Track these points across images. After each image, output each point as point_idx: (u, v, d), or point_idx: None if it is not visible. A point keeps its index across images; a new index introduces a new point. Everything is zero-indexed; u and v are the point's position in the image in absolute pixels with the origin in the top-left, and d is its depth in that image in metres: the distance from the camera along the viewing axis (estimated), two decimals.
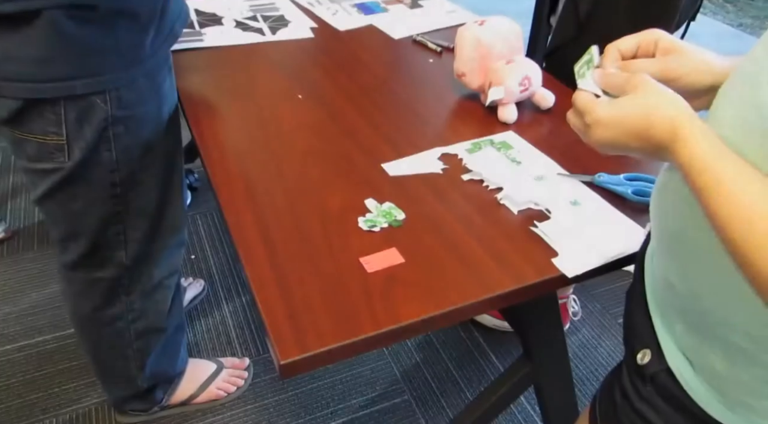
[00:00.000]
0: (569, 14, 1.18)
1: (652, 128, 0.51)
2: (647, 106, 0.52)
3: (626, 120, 0.53)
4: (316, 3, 1.46)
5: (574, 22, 1.17)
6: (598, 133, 0.55)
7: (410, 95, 1.11)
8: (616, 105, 0.54)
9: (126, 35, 0.83)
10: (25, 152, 0.87)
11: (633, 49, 0.62)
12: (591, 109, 0.55)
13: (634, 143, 0.53)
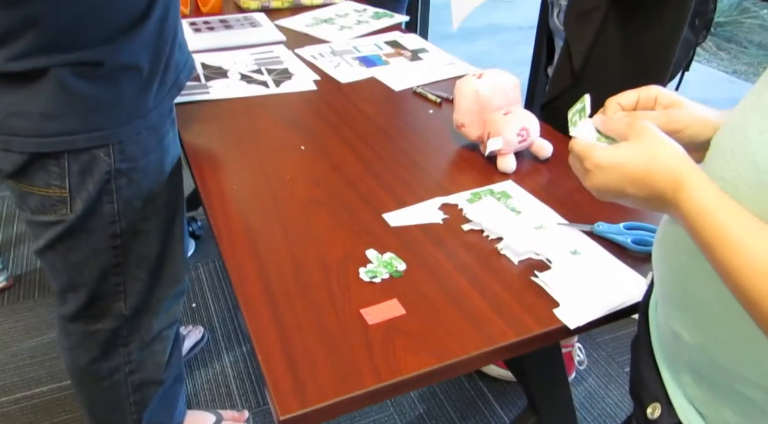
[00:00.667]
0: (564, 66, 1.21)
1: (653, 176, 0.51)
2: (648, 153, 0.52)
3: (626, 166, 0.52)
4: (319, 56, 1.50)
5: (569, 73, 1.20)
6: (597, 178, 0.54)
7: (411, 145, 1.13)
8: (616, 150, 0.54)
9: (130, 89, 0.85)
10: (28, 205, 0.88)
11: (633, 103, 0.63)
12: (590, 154, 0.55)
13: (633, 190, 0.52)
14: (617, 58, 1.15)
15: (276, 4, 1.82)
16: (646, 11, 1.11)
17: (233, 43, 1.54)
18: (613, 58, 1.16)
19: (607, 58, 1.16)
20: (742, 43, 4.39)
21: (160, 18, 0.86)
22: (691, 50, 1.22)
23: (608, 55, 1.16)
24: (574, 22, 1.19)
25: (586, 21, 1.15)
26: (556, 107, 1.25)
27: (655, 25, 1.12)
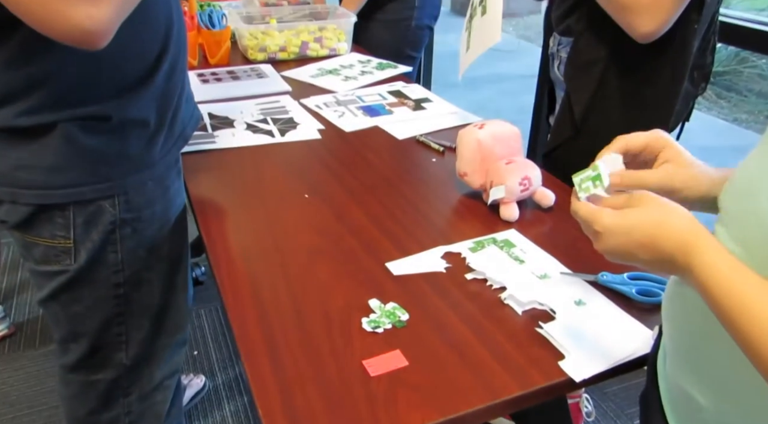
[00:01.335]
0: (565, 117, 1.23)
1: (662, 241, 0.51)
2: (655, 218, 0.52)
3: (634, 229, 0.52)
4: (324, 106, 1.53)
5: (570, 124, 1.22)
6: (607, 241, 0.54)
7: (414, 193, 1.14)
8: (623, 216, 0.54)
9: (137, 142, 0.87)
10: (33, 255, 0.89)
11: (641, 146, 0.64)
12: (597, 218, 0.55)
13: (643, 254, 0.52)
14: (618, 110, 1.17)
15: (282, 56, 1.87)
16: (645, 65, 1.13)
17: (240, 94, 1.57)
18: (614, 110, 1.18)
19: (607, 110, 1.18)
20: (741, 92, 4.46)
21: (168, 72, 0.88)
22: (691, 102, 1.24)
23: (609, 107, 1.18)
24: (574, 74, 1.21)
25: (587, 73, 1.18)
26: (557, 157, 1.27)
27: (655, 79, 1.15)
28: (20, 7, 0.62)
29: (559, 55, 1.28)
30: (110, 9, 0.64)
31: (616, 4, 1.06)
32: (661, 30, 1.05)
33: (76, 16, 0.62)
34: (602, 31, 1.13)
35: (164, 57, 0.87)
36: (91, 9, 0.62)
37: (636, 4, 1.03)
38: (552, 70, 1.34)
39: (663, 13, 1.03)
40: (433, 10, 2.17)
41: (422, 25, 2.15)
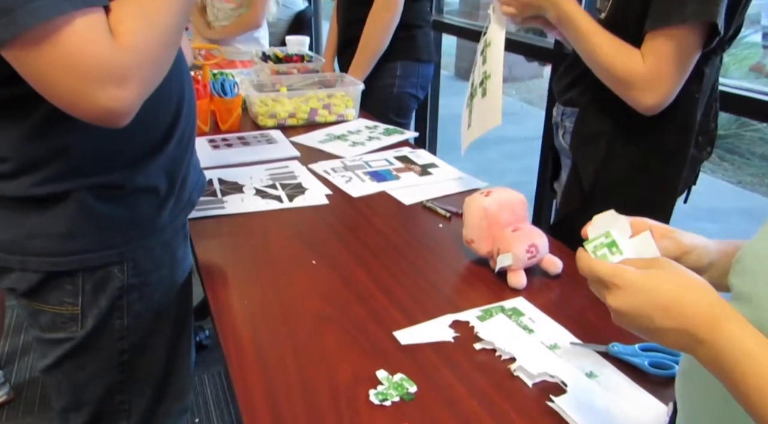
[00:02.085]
0: (573, 187, 1.24)
1: (687, 307, 0.48)
2: (683, 282, 0.50)
3: (659, 289, 0.50)
4: (332, 171, 1.56)
5: (579, 195, 1.23)
6: (625, 298, 0.51)
7: (421, 260, 1.14)
8: (649, 273, 0.51)
9: (147, 209, 0.88)
10: (39, 323, 0.89)
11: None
12: (620, 272, 0.52)
13: (661, 318, 0.49)
14: (626, 180, 1.19)
15: (291, 122, 1.92)
16: (651, 135, 1.15)
17: (249, 159, 1.60)
18: (622, 180, 1.19)
19: (615, 181, 1.19)
20: (744, 155, 4.51)
21: (178, 141, 0.91)
22: (697, 166, 1.26)
23: (617, 178, 1.19)
24: (581, 146, 1.23)
25: (594, 145, 1.20)
26: (567, 227, 1.26)
27: (661, 148, 1.16)
28: (48, 88, 0.64)
29: (563, 124, 1.31)
30: (136, 90, 0.67)
31: (619, 80, 1.09)
32: (664, 103, 1.08)
33: (103, 97, 0.64)
34: (606, 103, 1.15)
35: (176, 127, 0.89)
36: (118, 90, 0.65)
37: (638, 80, 1.06)
38: (556, 139, 1.37)
39: (665, 87, 1.06)
40: (419, 80, 2.25)
41: (405, 93, 2.22)
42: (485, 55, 1.28)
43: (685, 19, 1.00)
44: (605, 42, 1.10)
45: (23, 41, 0.61)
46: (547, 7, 1.16)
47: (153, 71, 0.70)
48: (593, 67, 1.13)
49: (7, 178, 0.78)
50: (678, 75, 1.06)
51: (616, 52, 1.08)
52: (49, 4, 0.60)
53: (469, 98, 1.38)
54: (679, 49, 1.03)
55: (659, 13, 1.02)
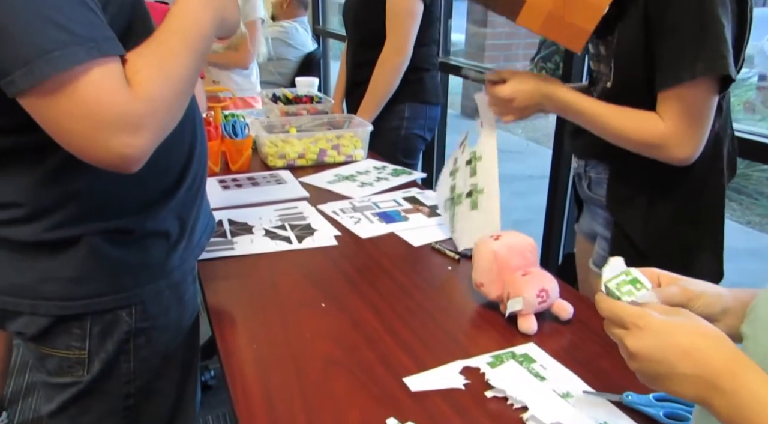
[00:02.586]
0: (622, 244, 1.22)
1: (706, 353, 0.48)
2: (705, 330, 0.50)
3: (679, 333, 0.50)
4: (341, 212, 1.57)
5: (630, 250, 1.20)
6: (645, 340, 0.51)
7: (430, 303, 1.13)
8: (671, 318, 0.51)
9: (157, 253, 0.89)
10: (46, 367, 0.88)
11: None
12: (643, 313, 0.53)
13: (681, 364, 0.49)
14: (673, 228, 1.18)
15: (301, 162, 1.94)
16: (686, 179, 1.15)
17: (259, 200, 1.61)
18: (670, 229, 1.18)
19: (663, 230, 1.18)
20: (752, 195, 4.50)
21: (189, 185, 0.92)
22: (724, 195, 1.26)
23: (663, 228, 1.18)
24: (620, 207, 1.22)
25: (633, 204, 1.20)
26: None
27: (699, 186, 1.16)
28: (63, 135, 0.66)
29: (588, 175, 1.31)
30: (149, 137, 0.68)
31: (644, 145, 1.10)
32: (697, 152, 1.08)
33: (117, 144, 0.65)
34: (635, 158, 1.14)
35: (187, 172, 0.91)
36: (132, 138, 0.66)
37: (663, 140, 1.07)
38: (581, 189, 1.36)
39: (693, 139, 1.07)
40: (426, 122, 2.29)
41: (413, 134, 2.26)
42: (474, 167, 1.29)
43: (696, 76, 1.01)
44: (615, 116, 1.11)
45: (40, 91, 0.63)
46: (543, 103, 1.19)
47: (166, 120, 0.72)
48: (612, 140, 1.14)
49: (20, 223, 0.79)
50: (702, 125, 1.07)
51: (630, 122, 1.10)
52: (66, 54, 0.62)
53: (449, 202, 1.38)
54: (696, 103, 1.05)
55: (669, 72, 1.04)
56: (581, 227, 1.46)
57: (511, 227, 1.16)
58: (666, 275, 0.64)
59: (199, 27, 0.80)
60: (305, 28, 3.78)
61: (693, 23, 1.00)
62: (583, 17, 1.08)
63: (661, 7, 1.03)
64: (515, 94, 1.19)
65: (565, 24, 1.10)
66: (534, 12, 1.11)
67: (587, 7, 1.07)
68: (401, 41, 2.10)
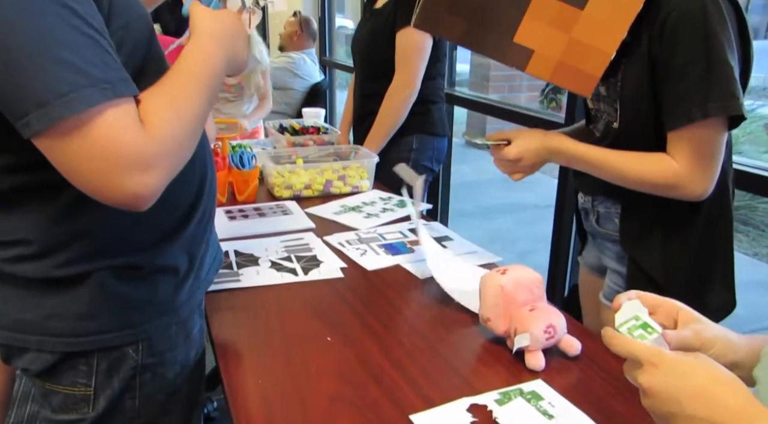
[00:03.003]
0: (638, 279, 1.21)
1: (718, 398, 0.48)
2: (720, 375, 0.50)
3: (692, 374, 0.50)
4: (346, 244, 1.57)
5: (647, 285, 1.19)
6: (659, 379, 0.51)
7: (436, 337, 1.13)
8: (686, 359, 0.51)
9: (165, 288, 0.89)
10: (51, 404, 0.88)
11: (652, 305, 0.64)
12: (658, 352, 0.53)
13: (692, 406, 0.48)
14: (689, 261, 1.18)
15: (307, 193, 1.95)
16: (699, 217, 1.15)
17: (265, 231, 1.62)
18: (686, 262, 1.18)
19: (679, 265, 1.18)
20: (759, 227, 4.49)
21: (199, 220, 0.92)
22: None
23: (680, 262, 1.18)
24: (635, 244, 1.22)
25: (648, 240, 1.20)
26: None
27: (712, 222, 1.17)
28: (75, 174, 0.66)
29: (596, 210, 1.31)
30: (160, 176, 0.69)
31: (658, 186, 1.11)
32: (711, 187, 1.09)
33: (129, 183, 0.66)
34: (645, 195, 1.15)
35: (197, 207, 0.91)
36: (144, 176, 0.67)
37: (678, 180, 1.08)
38: (587, 224, 1.37)
39: (707, 176, 1.08)
40: (434, 154, 2.31)
41: (421, 166, 2.28)
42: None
43: (708, 116, 1.02)
44: (627, 162, 1.12)
45: (55, 131, 0.64)
46: (551, 158, 1.21)
47: (178, 158, 0.73)
48: (626, 185, 1.15)
49: (29, 260, 0.79)
50: (715, 162, 1.08)
51: (643, 166, 1.11)
52: (82, 96, 0.63)
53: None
54: (708, 142, 1.06)
55: (679, 113, 1.05)
56: (586, 259, 1.46)
57: (517, 257, 1.16)
58: (685, 312, 0.64)
59: (211, 66, 0.81)
60: (312, 59, 3.85)
61: (701, 64, 1.02)
62: (591, 63, 1.10)
63: (668, 48, 1.04)
64: (522, 155, 1.21)
65: (574, 71, 1.11)
66: (543, 61, 1.12)
67: (595, 53, 1.08)
68: (410, 75, 2.14)
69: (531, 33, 1.10)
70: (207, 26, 0.86)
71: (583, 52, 1.09)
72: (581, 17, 1.07)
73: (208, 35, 0.85)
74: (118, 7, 0.75)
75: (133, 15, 0.79)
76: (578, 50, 1.10)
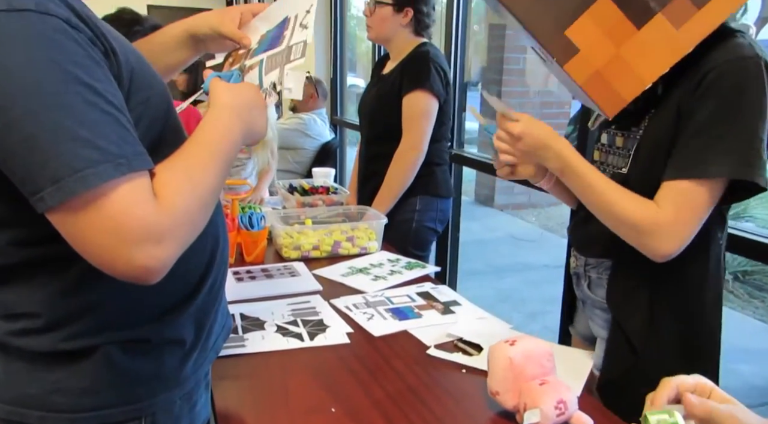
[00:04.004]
0: (620, 344, 1.19)
1: None
2: None
3: None
4: (353, 307, 1.55)
5: (629, 351, 1.17)
6: None
7: (443, 410, 1.10)
8: None
9: (171, 362, 0.87)
10: None
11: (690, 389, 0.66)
12: None
13: None
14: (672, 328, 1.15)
15: (315, 254, 1.95)
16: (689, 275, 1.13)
17: (272, 293, 1.61)
18: (669, 329, 1.15)
19: (661, 330, 1.15)
20: None
21: (209, 290, 0.92)
22: None
23: (663, 326, 1.15)
24: (621, 302, 1.20)
25: (634, 298, 1.17)
26: (617, 388, 1.19)
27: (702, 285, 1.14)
28: (86, 248, 0.67)
29: (587, 275, 1.30)
30: (172, 249, 0.69)
31: (634, 228, 1.08)
32: (679, 250, 1.06)
33: (140, 257, 0.66)
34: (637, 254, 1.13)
35: (207, 277, 0.90)
36: (155, 249, 0.67)
37: (656, 228, 1.05)
38: (579, 290, 1.34)
39: (683, 234, 1.05)
40: (437, 215, 2.32)
41: (424, 227, 2.29)
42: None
43: (707, 177, 1.01)
44: (613, 190, 1.10)
45: (68, 206, 0.64)
46: (549, 157, 1.15)
47: (190, 231, 0.73)
48: (603, 216, 1.12)
49: (36, 334, 0.78)
50: (696, 224, 1.05)
51: (627, 201, 1.08)
52: (96, 172, 0.64)
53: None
54: (699, 201, 1.04)
55: (683, 164, 1.03)
56: (577, 328, 1.43)
57: (527, 318, 1.15)
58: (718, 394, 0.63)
59: (228, 138, 0.83)
60: (323, 119, 3.93)
61: (724, 126, 1.00)
62: (626, 86, 1.07)
63: (698, 104, 1.02)
64: (524, 134, 1.15)
65: (608, 87, 1.08)
66: (584, 65, 1.09)
67: (633, 78, 1.06)
68: (417, 139, 2.18)
69: (584, 32, 1.07)
70: (226, 99, 0.88)
71: (623, 71, 1.07)
72: (634, 37, 1.05)
73: (228, 107, 0.86)
74: (139, 84, 0.78)
75: (152, 90, 0.81)
76: (619, 68, 1.07)
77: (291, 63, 0.96)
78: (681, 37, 1.04)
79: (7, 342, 0.79)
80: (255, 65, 1.02)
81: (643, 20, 1.05)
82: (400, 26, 2.25)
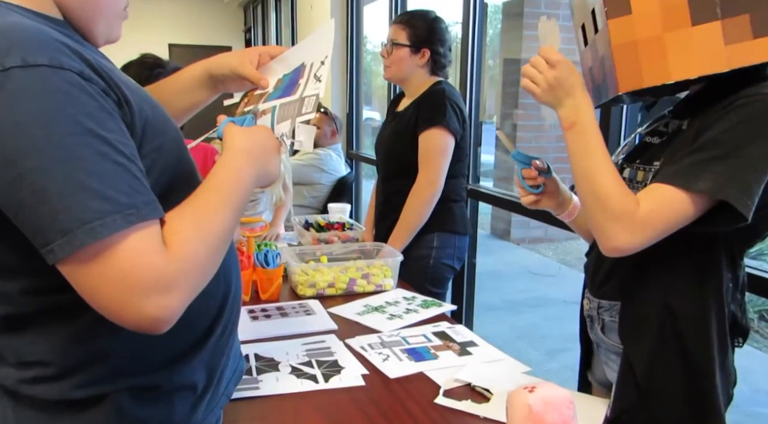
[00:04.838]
0: (628, 381, 1.16)
1: None
2: None
3: None
4: (369, 348, 1.53)
5: (634, 388, 1.15)
6: None
7: None
8: None
9: (182, 408, 0.85)
10: None
11: None
12: None
13: None
14: (680, 368, 1.11)
15: (330, 292, 1.93)
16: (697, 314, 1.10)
17: (287, 332, 1.60)
18: (677, 368, 1.12)
19: (668, 370, 1.12)
20: None
21: (221, 334, 0.90)
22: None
23: (670, 366, 1.12)
24: (630, 334, 1.17)
25: (643, 329, 1.14)
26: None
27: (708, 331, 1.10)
28: (95, 297, 0.66)
29: (601, 318, 1.27)
30: (181, 297, 0.69)
31: (608, 210, 1.04)
32: (633, 250, 1.04)
33: (149, 307, 0.66)
34: (649, 295, 1.12)
35: (219, 321, 0.90)
36: (164, 299, 0.67)
37: (624, 215, 1.02)
38: (593, 333, 1.31)
39: (645, 236, 1.02)
40: (455, 252, 2.30)
41: (441, 264, 2.27)
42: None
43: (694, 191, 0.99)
44: (608, 169, 1.07)
45: (78, 257, 0.64)
46: (568, 103, 1.11)
47: (200, 278, 0.73)
48: (584, 185, 1.09)
49: (47, 382, 0.78)
50: (666, 230, 1.02)
51: (616, 186, 1.05)
52: (106, 223, 0.64)
53: None
54: (682, 210, 1.01)
55: (675, 173, 1.02)
56: (595, 375, 1.39)
57: (545, 355, 1.12)
58: None
59: (241, 181, 0.83)
60: (338, 154, 3.96)
61: (731, 149, 0.98)
62: (651, 71, 1.05)
63: (714, 125, 1.01)
64: (562, 63, 1.11)
65: (635, 63, 1.06)
66: (627, 28, 1.06)
67: (661, 67, 1.05)
68: (434, 176, 2.18)
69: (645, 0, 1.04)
70: (239, 143, 0.88)
71: (656, 55, 1.04)
72: (685, 30, 1.03)
73: (241, 151, 0.87)
74: (152, 131, 0.78)
75: (165, 137, 0.82)
76: (655, 50, 1.05)
77: (302, 116, 0.97)
78: (724, 54, 1.02)
79: (19, 390, 0.78)
80: (268, 111, 1.03)
81: (702, 19, 1.02)
82: (417, 67, 2.27)
